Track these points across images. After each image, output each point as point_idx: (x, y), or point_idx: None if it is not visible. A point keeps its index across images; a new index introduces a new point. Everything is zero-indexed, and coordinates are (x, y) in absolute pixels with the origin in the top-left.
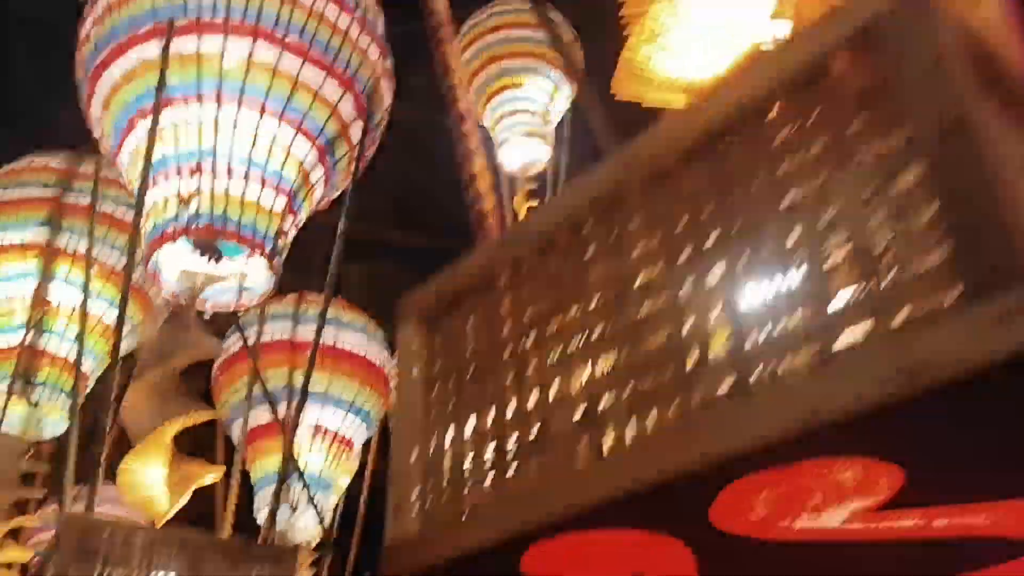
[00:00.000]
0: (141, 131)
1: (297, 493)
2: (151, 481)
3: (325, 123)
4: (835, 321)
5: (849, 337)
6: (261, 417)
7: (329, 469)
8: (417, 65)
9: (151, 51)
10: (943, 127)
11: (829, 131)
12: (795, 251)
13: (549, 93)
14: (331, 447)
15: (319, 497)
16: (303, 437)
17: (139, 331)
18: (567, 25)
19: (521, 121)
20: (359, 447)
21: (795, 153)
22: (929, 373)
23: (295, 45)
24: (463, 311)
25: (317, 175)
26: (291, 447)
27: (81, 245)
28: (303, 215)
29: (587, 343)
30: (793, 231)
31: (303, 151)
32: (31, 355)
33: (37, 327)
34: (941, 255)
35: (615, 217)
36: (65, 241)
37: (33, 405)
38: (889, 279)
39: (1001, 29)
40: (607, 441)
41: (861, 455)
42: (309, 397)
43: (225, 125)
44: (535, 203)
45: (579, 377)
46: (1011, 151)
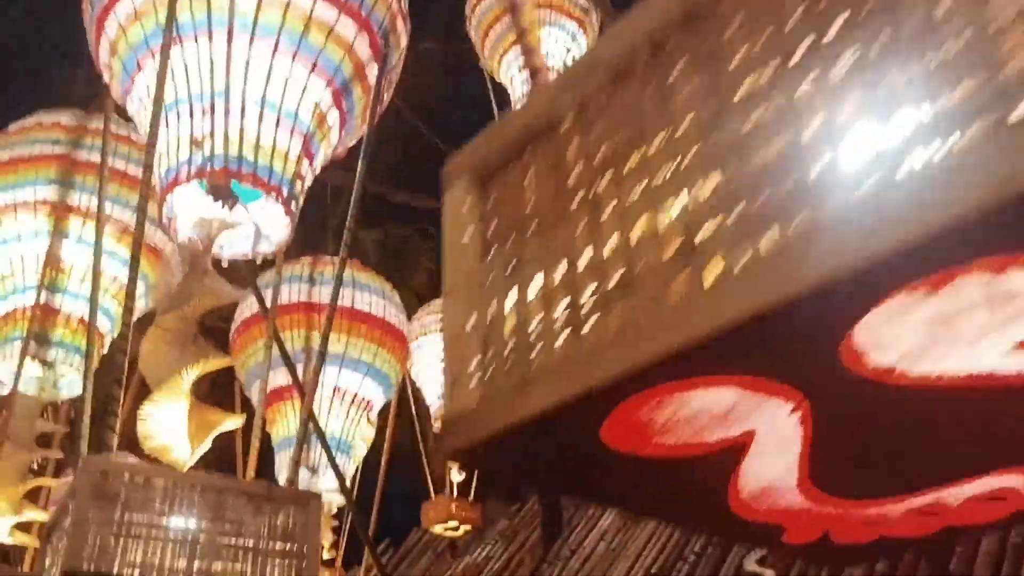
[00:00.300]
0: (150, 71)
1: (317, 455)
2: (170, 428)
3: (340, 63)
4: (1011, 88)
5: None
6: (279, 380)
7: (348, 431)
8: (427, 29)
9: None
10: None
11: None
12: (949, 19)
13: (566, 46)
14: (350, 409)
15: (339, 459)
16: (322, 399)
17: (153, 291)
18: None
19: None
20: (378, 409)
21: None
22: None
23: None
24: (521, 164)
25: (333, 118)
26: (311, 409)
27: (93, 202)
28: (319, 161)
29: (678, 171)
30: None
31: (318, 91)
32: (45, 315)
33: (50, 287)
34: None
35: (706, 27)
36: (77, 198)
37: (48, 366)
38: None
39: None
40: (711, 271)
41: None
42: (327, 359)
43: (237, 64)
44: None
45: (671, 210)
46: None
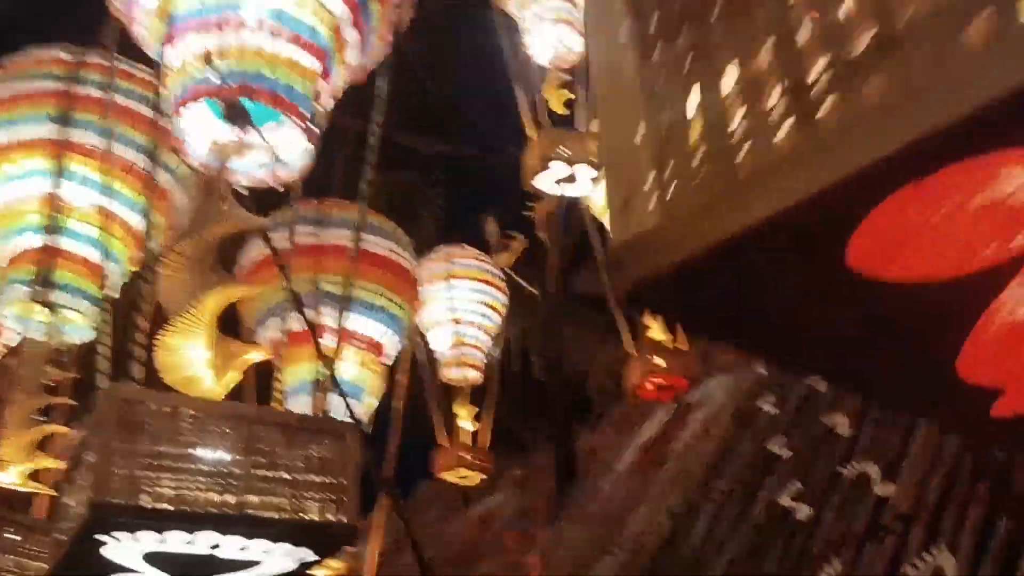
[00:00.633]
0: None
1: (331, 400)
2: (193, 360)
3: None
4: None
5: None
6: (291, 325)
7: (361, 375)
8: None
9: None
10: None
11: None
12: None
13: None
14: (362, 353)
15: (353, 404)
16: (334, 343)
17: (160, 233)
18: None
19: (550, 7)
20: (390, 353)
21: None
22: None
23: None
24: None
25: (351, 37)
26: (322, 354)
27: (94, 140)
28: (338, 82)
29: None
30: None
31: (336, 6)
32: (49, 257)
33: (53, 228)
34: None
35: None
36: (78, 136)
37: (54, 309)
38: None
39: None
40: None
41: None
42: (338, 302)
43: None
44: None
45: None
46: None
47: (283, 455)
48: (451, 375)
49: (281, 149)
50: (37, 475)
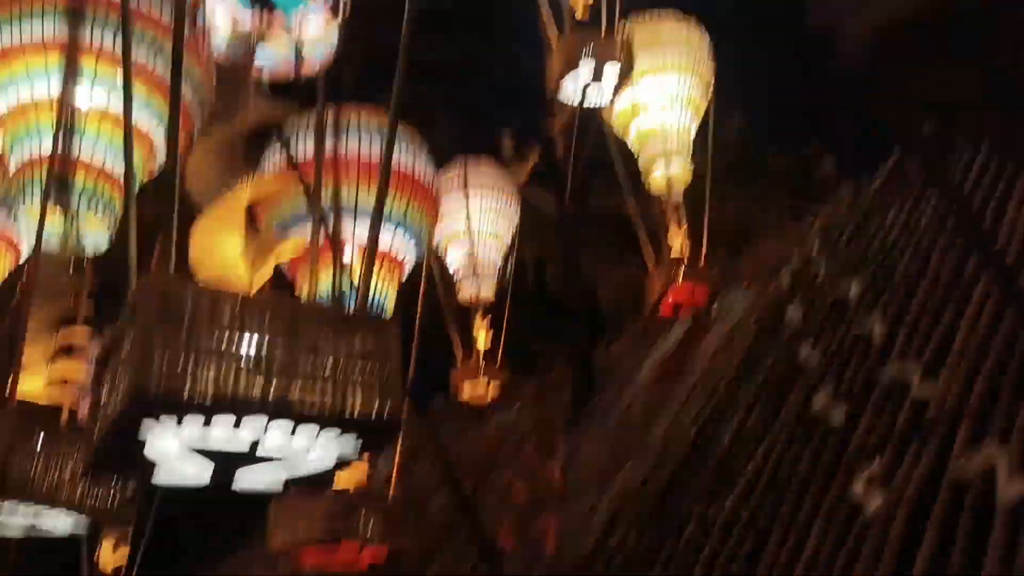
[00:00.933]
0: None
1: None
2: (226, 253)
3: None
4: None
5: None
6: (311, 234)
7: (379, 289)
8: None
9: None
10: None
11: None
12: None
13: None
14: (381, 266)
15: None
16: (352, 256)
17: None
18: None
19: None
20: (409, 268)
21: None
22: None
23: None
24: None
25: None
26: (341, 265)
27: (108, 40)
28: None
29: None
30: None
31: None
32: (63, 162)
33: (67, 132)
34: None
35: None
36: (90, 35)
37: (71, 216)
38: None
39: None
40: None
41: None
42: (355, 215)
43: None
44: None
45: None
46: None
47: (325, 347)
48: (466, 288)
49: (307, 39)
50: (63, 383)
